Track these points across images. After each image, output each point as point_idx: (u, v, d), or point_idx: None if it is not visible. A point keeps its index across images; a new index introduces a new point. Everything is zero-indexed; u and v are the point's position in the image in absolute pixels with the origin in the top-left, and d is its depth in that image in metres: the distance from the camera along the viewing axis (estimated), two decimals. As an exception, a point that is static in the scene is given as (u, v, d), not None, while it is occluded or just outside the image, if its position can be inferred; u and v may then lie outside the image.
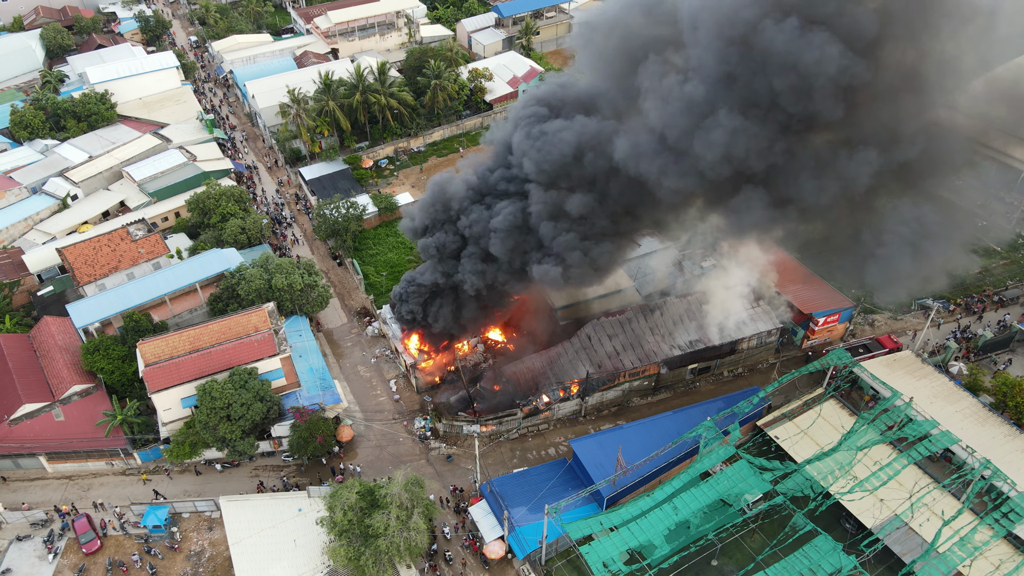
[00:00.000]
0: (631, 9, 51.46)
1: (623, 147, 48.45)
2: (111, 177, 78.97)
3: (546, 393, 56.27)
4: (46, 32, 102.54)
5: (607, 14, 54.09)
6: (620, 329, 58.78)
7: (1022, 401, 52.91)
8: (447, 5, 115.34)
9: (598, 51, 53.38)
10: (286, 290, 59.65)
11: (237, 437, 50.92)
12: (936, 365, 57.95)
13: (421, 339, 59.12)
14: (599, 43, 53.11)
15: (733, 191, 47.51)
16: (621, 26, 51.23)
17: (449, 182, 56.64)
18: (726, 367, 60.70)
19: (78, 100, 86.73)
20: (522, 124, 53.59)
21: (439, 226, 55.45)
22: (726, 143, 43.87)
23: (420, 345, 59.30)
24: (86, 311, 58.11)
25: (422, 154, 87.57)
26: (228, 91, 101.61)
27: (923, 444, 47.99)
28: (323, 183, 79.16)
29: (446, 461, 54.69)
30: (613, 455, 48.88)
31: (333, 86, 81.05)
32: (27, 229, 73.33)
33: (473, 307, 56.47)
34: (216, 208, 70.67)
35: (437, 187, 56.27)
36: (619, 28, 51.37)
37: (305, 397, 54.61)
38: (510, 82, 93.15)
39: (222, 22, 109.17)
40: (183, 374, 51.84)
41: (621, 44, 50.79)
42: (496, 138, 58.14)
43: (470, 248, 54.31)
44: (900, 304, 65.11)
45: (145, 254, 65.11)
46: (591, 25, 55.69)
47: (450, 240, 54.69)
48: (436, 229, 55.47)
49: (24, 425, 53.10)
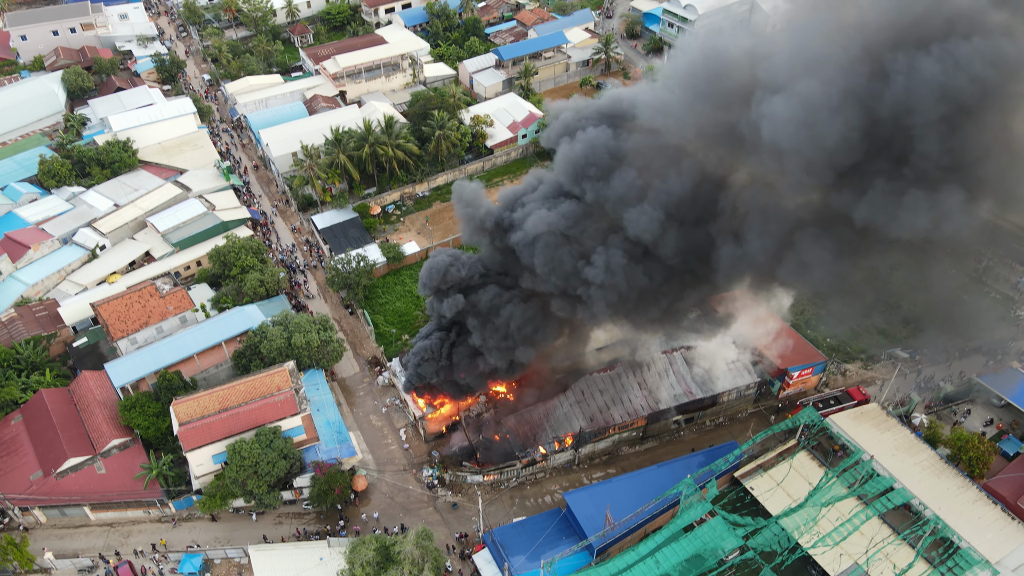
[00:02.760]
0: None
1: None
2: (136, 227, 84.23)
3: (543, 445, 61.71)
4: (67, 75, 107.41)
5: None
6: (610, 384, 64.19)
7: (974, 455, 58.29)
8: (449, 43, 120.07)
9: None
10: (304, 347, 65.00)
11: (264, 491, 56.50)
12: (900, 416, 63.35)
13: (428, 395, 64.46)
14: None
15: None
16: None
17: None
18: (708, 417, 66.11)
19: (102, 148, 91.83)
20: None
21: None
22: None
23: (427, 400, 64.65)
24: (123, 371, 63.53)
25: (427, 198, 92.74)
26: (241, 132, 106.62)
27: (882, 499, 53.58)
28: (334, 232, 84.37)
29: (452, 508, 60.23)
30: (603, 507, 54.39)
31: (343, 140, 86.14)
32: (60, 280, 78.63)
33: (482, 372, 61.77)
34: (236, 261, 75.96)
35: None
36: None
37: (323, 451, 60.09)
38: (510, 127, 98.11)
39: (235, 62, 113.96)
40: (214, 434, 57.32)
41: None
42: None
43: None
44: (871, 355, 70.49)
45: (173, 310, 70.48)
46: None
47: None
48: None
49: (70, 478, 58.64)
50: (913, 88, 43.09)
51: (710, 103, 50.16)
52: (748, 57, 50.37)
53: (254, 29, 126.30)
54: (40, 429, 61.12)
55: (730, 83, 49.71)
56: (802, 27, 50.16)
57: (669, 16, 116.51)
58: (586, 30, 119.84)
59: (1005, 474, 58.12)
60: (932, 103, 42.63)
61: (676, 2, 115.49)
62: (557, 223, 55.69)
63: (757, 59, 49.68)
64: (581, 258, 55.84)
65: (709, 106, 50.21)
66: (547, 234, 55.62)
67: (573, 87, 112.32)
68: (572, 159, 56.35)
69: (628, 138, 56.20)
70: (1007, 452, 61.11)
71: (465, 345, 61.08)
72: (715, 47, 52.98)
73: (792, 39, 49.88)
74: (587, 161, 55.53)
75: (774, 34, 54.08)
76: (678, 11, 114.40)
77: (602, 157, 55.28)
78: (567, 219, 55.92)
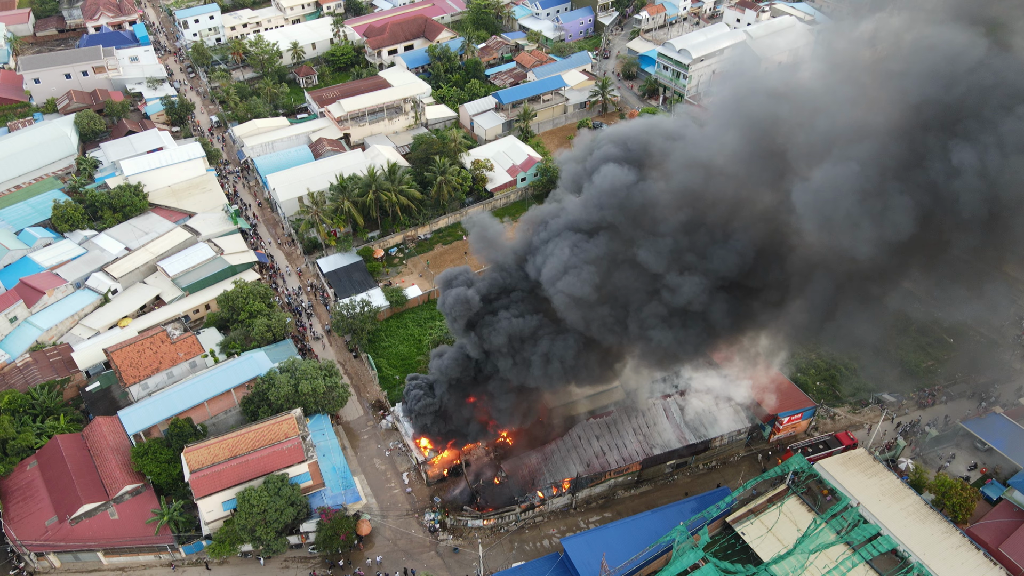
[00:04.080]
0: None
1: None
2: (147, 271, 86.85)
3: (541, 491, 63.81)
4: (80, 119, 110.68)
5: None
6: (606, 430, 66.43)
7: (958, 501, 60.34)
8: (451, 85, 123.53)
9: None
10: (311, 394, 67.29)
11: (271, 537, 58.55)
12: (887, 461, 65.50)
13: (430, 441, 66.66)
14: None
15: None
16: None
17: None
18: (701, 461, 68.22)
19: (114, 192, 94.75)
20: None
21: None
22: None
23: (429, 445, 66.83)
24: (136, 418, 65.79)
25: (428, 241, 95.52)
26: (248, 174, 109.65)
27: (869, 546, 55.62)
28: (339, 276, 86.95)
29: (453, 553, 62.19)
30: (599, 553, 56.40)
31: (348, 186, 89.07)
32: (73, 324, 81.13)
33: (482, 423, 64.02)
34: (244, 306, 78.48)
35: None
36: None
37: (329, 497, 62.16)
38: (509, 171, 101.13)
39: (242, 104, 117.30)
40: (224, 481, 59.45)
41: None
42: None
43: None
44: (859, 399, 72.77)
45: (183, 355, 72.83)
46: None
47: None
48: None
49: (84, 523, 60.67)
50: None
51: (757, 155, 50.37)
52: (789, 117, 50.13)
53: (260, 71, 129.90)
54: (55, 475, 63.23)
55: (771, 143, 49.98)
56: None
57: (664, 60, 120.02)
58: (583, 72, 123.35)
59: (988, 519, 60.15)
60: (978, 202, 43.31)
61: (671, 46, 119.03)
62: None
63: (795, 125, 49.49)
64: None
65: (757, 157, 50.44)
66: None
67: (571, 128, 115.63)
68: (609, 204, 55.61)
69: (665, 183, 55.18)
70: (990, 497, 63.13)
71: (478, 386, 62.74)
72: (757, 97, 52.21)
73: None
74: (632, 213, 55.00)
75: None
76: (672, 55, 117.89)
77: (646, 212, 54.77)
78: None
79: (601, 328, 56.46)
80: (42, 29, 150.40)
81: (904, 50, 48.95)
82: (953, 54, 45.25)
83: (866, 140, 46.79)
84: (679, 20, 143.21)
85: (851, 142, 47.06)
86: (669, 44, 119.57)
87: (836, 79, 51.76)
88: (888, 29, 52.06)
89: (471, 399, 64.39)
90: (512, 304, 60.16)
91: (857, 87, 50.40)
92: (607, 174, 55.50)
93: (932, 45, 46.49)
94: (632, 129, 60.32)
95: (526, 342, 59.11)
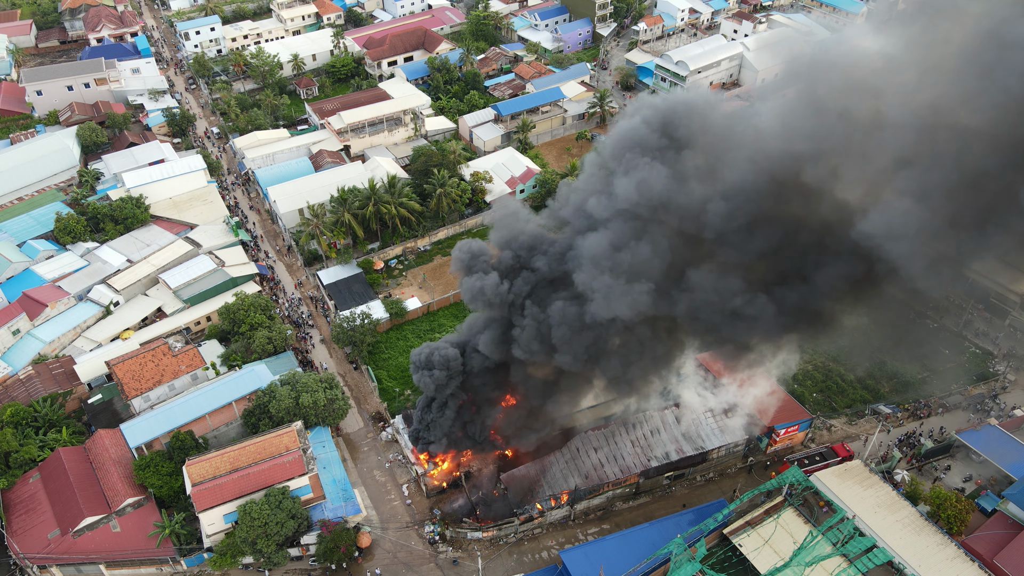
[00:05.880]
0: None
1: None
2: (148, 283, 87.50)
3: (539, 503, 64.33)
4: (82, 131, 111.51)
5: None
6: (604, 442, 66.98)
7: (953, 513, 60.87)
8: (450, 96, 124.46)
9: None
10: (311, 407, 67.84)
11: (272, 550, 59.04)
12: (883, 472, 66.04)
13: (429, 454, 67.17)
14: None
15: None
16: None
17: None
18: (698, 473, 68.75)
19: (116, 204, 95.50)
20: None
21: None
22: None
23: (428, 457, 67.35)
24: (138, 432, 66.31)
25: (428, 252, 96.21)
26: (249, 186, 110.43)
27: (865, 558, 56.12)
28: (339, 288, 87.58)
29: (452, 564, 62.66)
30: (597, 565, 56.91)
31: (348, 199, 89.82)
32: (75, 337, 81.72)
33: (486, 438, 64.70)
34: (245, 319, 79.09)
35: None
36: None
37: (329, 509, 62.65)
38: (508, 182, 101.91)
39: (243, 116, 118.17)
40: (225, 494, 59.96)
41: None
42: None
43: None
44: (855, 410, 73.35)
45: (185, 368, 73.41)
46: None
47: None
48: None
49: (86, 536, 61.12)
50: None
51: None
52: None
53: (261, 82, 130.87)
54: (58, 488, 63.72)
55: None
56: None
57: (662, 71, 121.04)
58: (582, 83, 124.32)
59: (983, 531, 60.60)
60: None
61: (668, 58, 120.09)
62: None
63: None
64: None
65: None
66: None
67: (569, 139, 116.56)
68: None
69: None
70: (985, 508, 63.63)
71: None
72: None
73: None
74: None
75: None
76: (670, 67, 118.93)
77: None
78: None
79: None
80: (44, 41, 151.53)
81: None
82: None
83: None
84: (677, 32, 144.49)
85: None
86: (667, 55, 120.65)
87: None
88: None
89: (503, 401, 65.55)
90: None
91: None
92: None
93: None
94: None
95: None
